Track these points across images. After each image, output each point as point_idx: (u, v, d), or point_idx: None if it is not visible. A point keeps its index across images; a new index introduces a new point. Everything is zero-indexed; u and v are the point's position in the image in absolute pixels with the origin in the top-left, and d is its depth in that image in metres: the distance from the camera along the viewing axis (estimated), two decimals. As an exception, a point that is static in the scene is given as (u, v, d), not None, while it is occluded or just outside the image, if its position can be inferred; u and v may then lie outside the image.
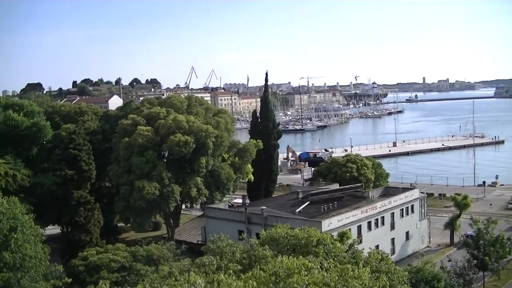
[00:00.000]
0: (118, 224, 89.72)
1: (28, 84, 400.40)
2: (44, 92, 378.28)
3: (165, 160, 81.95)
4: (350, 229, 64.40)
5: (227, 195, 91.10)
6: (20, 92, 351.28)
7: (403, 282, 31.03)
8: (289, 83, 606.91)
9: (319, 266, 26.57)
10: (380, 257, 33.59)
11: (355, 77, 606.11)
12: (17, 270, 41.42)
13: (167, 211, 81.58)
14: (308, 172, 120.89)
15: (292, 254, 30.15)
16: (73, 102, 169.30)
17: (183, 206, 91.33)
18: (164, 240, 65.61)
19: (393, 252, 73.34)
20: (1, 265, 40.40)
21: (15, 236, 41.38)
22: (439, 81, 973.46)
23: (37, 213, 58.68)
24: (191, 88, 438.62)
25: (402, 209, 77.86)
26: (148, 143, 78.66)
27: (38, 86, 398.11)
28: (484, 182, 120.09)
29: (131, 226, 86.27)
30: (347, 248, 40.31)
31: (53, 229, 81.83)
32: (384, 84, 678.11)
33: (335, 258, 31.44)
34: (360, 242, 63.31)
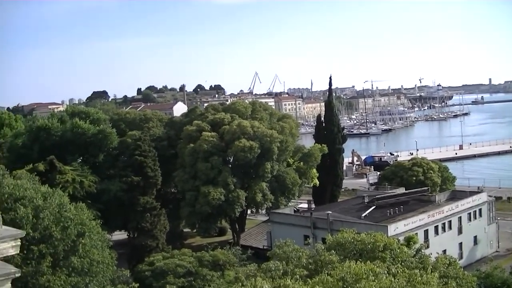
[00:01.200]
0: (184, 230, 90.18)
1: (93, 92, 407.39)
2: (110, 99, 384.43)
3: (230, 165, 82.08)
4: (416, 233, 63.34)
5: (292, 200, 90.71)
6: (86, 100, 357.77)
7: (472, 288, 30.29)
8: (353, 87, 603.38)
9: (386, 272, 26.04)
10: (448, 262, 32.81)
11: (420, 80, 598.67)
12: (85, 274, 41.85)
13: (233, 216, 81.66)
14: (373, 176, 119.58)
15: (359, 259, 29.69)
16: (138, 109, 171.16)
17: (249, 211, 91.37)
18: (229, 245, 65.72)
19: (460, 257, 71.79)
20: (69, 269, 40.88)
21: (83, 241, 41.85)
22: (505, 82, 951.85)
23: (104, 219, 59.26)
24: (255, 94, 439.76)
25: (470, 213, 76.31)
26: (213, 149, 78.91)
27: (103, 94, 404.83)
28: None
29: (196, 231, 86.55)
30: (414, 253, 39.52)
31: (119, 235, 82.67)
32: (449, 86, 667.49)
33: (403, 263, 30.81)
34: (427, 247, 62.01)
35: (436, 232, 69.97)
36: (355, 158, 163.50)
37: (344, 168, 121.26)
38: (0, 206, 36.00)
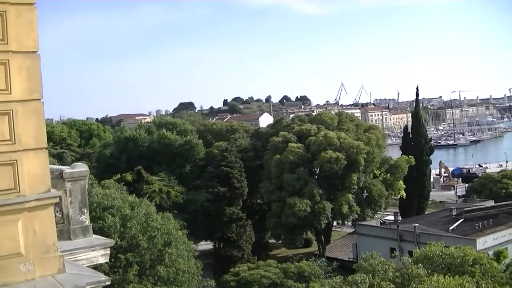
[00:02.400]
0: (269, 241, 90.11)
1: (180, 103, 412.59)
2: (196, 110, 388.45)
3: (316, 176, 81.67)
4: (506, 248, 61.26)
5: (378, 212, 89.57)
6: (172, 111, 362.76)
7: None
8: (440, 97, 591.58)
9: (475, 287, 25.27)
10: (541, 278, 31.65)
11: (510, 89, 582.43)
12: (171, 284, 42.24)
13: (318, 228, 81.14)
14: (461, 188, 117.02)
15: (447, 274, 28.94)
16: (224, 120, 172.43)
17: (334, 223, 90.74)
18: (315, 257, 65.21)
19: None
20: (155, 278, 41.35)
21: (169, 251, 42.28)
22: None
23: (190, 229, 59.83)
24: (341, 104, 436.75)
25: None
26: (299, 160, 78.67)
27: (190, 105, 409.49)
28: None
29: (282, 242, 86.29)
30: (505, 268, 38.35)
31: (205, 245, 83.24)
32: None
33: (492, 279, 29.92)
34: (519, 262, 60.27)
35: (528, 247, 67.70)
36: (443, 170, 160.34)
37: (431, 180, 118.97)
38: (90, 215, 36.67)
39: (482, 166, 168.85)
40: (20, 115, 8.39)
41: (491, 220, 71.68)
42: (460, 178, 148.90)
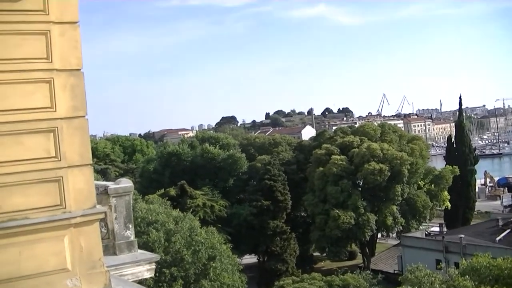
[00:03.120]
0: (314, 254, 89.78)
1: (222, 117, 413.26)
2: (238, 124, 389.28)
3: (360, 188, 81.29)
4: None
5: (423, 223, 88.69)
6: (215, 125, 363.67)
7: None
8: (484, 106, 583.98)
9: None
10: None
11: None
12: (216, 298, 42.30)
13: (363, 240, 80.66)
14: (507, 198, 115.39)
15: (495, 286, 28.51)
16: (267, 134, 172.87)
17: (379, 235, 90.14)
18: (359, 269, 64.80)
19: None
20: (200, 293, 41.45)
21: (213, 265, 42.38)
22: None
23: (234, 242, 59.90)
24: (384, 116, 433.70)
25: None
26: (342, 172, 78.39)
27: (232, 119, 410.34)
28: None
29: (326, 255, 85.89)
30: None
31: (249, 259, 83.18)
32: None
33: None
34: None
35: None
36: (488, 180, 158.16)
37: (477, 190, 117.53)
38: (134, 229, 36.91)
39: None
40: (65, 132, 8.50)
41: (539, 230, 70.64)
42: (506, 188, 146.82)
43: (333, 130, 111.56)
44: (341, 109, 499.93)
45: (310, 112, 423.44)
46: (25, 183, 8.31)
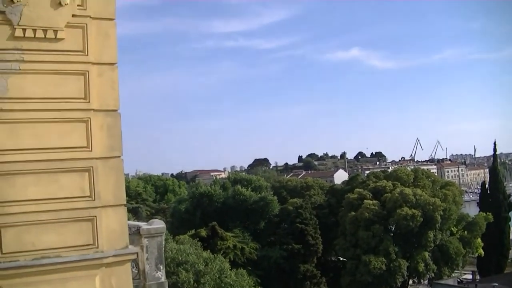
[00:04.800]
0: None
1: (255, 159, 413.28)
2: (271, 167, 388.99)
3: (392, 234, 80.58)
4: None
5: (456, 271, 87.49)
6: (247, 167, 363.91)
7: None
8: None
9: None
10: None
11: None
12: None
13: (394, 286, 79.67)
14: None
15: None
16: (299, 177, 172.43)
17: (410, 281, 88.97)
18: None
19: None
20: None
21: (243, 307, 42.15)
22: None
23: (264, 285, 59.66)
24: (417, 160, 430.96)
25: None
26: (374, 217, 77.85)
27: (265, 161, 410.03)
28: None
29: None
30: None
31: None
32: None
33: None
34: None
35: None
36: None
37: (511, 237, 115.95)
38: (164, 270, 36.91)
39: None
40: (100, 172, 8.59)
41: None
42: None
43: (365, 175, 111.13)
44: (374, 153, 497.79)
45: (343, 156, 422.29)
46: (59, 221, 8.40)
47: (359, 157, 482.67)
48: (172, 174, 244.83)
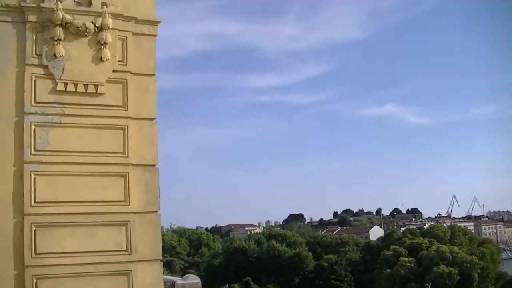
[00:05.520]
0: None
1: (290, 214, 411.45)
2: (306, 222, 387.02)
3: (427, 291, 79.62)
4: None
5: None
6: (282, 222, 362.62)
7: None
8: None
9: None
10: None
11: None
12: None
13: None
14: None
15: None
16: (334, 233, 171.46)
17: None
18: None
19: None
20: None
21: None
22: None
23: None
24: (453, 217, 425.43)
25: None
26: (410, 275, 77.00)
27: (299, 217, 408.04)
28: None
29: None
30: None
31: None
32: None
33: None
34: None
35: None
36: None
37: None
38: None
39: None
40: (137, 227, 8.63)
41: None
42: None
43: (401, 231, 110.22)
44: (410, 209, 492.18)
45: (378, 212, 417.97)
46: (95, 274, 8.43)
47: (395, 213, 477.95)
48: (206, 228, 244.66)
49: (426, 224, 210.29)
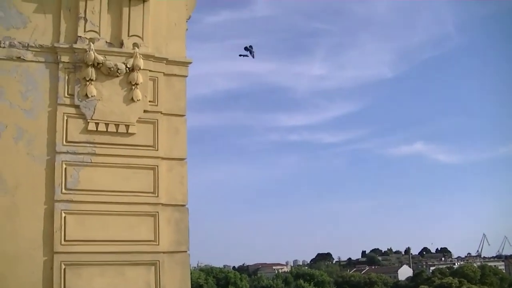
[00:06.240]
0: None
1: (318, 253, 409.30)
2: (334, 261, 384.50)
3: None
4: None
5: None
6: (310, 261, 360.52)
7: None
8: None
9: None
10: None
11: None
12: None
13: None
14: None
15: None
16: (363, 272, 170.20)
17: None
18: None
19: None
20: None
21: None
22: None
23: None
24: (483, 257, 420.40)
25: None
26: (439, 315, 76.25)
27: (327, 256, 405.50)
28: None
29: None
30: None
31: None
32: None
33: None
34: None
35: None
36: None
37: None
38: None
39: None
40: (167, 266, 8.65)
41: None
42: None
43: (431, 271, 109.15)
44: (439, 248, 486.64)
45: (407, 251, 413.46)
46: (125, 314, 8.43)
47: (424, 252, 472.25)
48: (233, 267, 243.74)
49: (456, 264, 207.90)
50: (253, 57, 24.38)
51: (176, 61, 9.33)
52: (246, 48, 24.42)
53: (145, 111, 8.92)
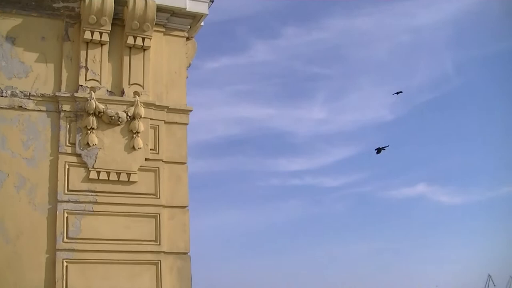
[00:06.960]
0: None
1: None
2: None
3: None
4: None
5: None
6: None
7: None
8: None
9: None
10: None
11: None
12: None
13: None
14: None
15: None
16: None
17: None
18: None
19: None
20: None
21: None
22: None
23: None
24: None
25: None
26: None
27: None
28: None
29: None
30: None
31: None
32: None
33: None
34: None
35: None
36: None
37: None
38: None
39: None
40: (170, 316, 8.59)
41: None
42: None
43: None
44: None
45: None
46: None
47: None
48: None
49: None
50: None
51: (177, 109, 9.36)
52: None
53: (146, 159, 8.92)
